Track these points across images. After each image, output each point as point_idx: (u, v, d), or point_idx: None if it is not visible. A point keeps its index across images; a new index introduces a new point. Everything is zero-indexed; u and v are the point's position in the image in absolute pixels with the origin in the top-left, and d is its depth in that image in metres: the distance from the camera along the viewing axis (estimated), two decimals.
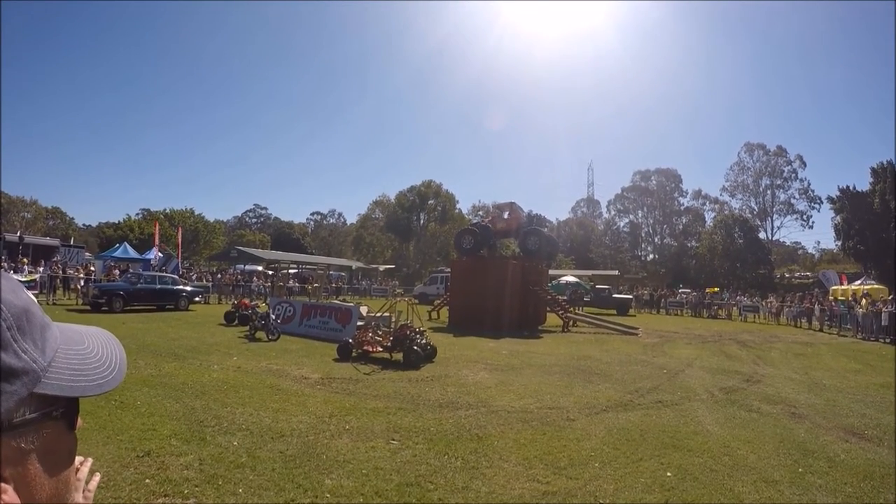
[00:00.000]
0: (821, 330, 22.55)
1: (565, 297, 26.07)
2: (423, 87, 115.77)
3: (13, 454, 0.51)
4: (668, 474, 4.78)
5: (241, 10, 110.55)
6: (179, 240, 35.03)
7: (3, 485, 0.49)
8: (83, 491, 0.73)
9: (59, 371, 0.56)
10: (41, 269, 21.24)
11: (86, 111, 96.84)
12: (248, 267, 34.75)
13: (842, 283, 30.46)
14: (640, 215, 70.79)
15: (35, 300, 0.60)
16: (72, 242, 32.74)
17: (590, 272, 46.61)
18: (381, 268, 50.74)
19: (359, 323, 12.82)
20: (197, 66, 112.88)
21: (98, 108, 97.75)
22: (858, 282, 29.32)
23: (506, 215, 22.59)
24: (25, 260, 21.42)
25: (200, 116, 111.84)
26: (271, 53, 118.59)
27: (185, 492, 3.89)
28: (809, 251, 68.23)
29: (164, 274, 22.18)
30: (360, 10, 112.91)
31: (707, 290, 35.30)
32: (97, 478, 0.79)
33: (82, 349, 0.61)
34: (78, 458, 0.65)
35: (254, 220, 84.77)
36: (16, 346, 0.52)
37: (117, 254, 29.11)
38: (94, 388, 0.59)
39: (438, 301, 23.03)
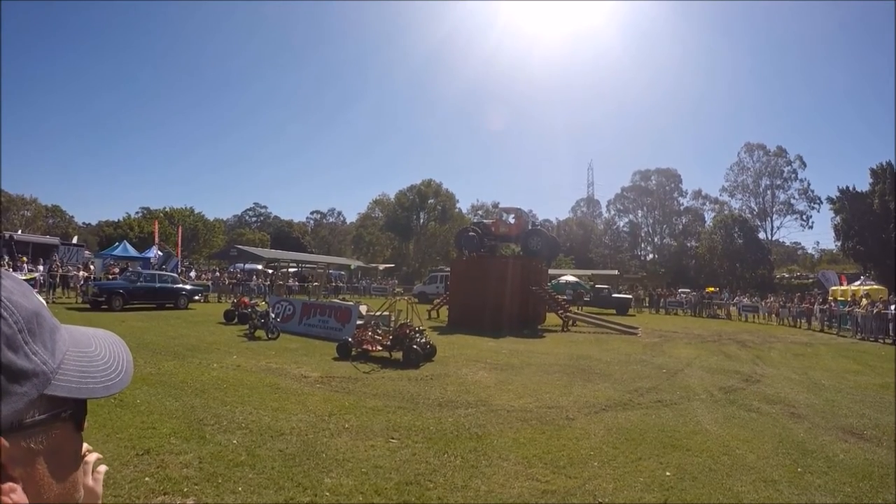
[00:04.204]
0: (821, 330, 22.56)
1: (565, 297, 26.09)
2: (423, 86, 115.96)
3: (22, 454, 0.52)
4: (668, 474, 4.78)
5: (240, 10, 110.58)
6: (179, 238, 35.09)
7: (11, 484, 0.49)
8: (92, 473, 0.74)
9: (68, 373, 0.57)
10: (41, 267, 21.23)
11: (86, 110, 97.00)
12: (247, 265, 34.75)
13: (841, 284, 30.46)
14: (639, 215, 70.76)
15: (45, 303, 0.60)
16: (73, 241, 32.67)
17: (589, 272, 46.62)
18: (381, 267, 50.75)
19: (358, 322, 12.82)
20: (198, 65, 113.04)
21: (98, 106, 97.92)
22: (858, 282, 29.31)
23: (511, 219, 22.56)
24: (24, 258, 21.41)
25: (200, 115, 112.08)
26: (271, 52, 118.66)
27: (185, 490, 3.90)
28: (809, 251, 68.42)
29: (163, 272, 22.19)
30: (359, 9, 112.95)
31: (707, 290, 35.33)
32: (103, 467, 0.80)
33: (90, 351, 0.62)
34: (84, 446, 0.66)
35: (254, 219, 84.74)
36: (27, 348, 0.53)
37: (117, 252, 29.07)
38: (102, 389, 0.59)
39: (438, 300, 23.03)
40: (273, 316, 13.03)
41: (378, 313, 12.30)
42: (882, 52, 79.23)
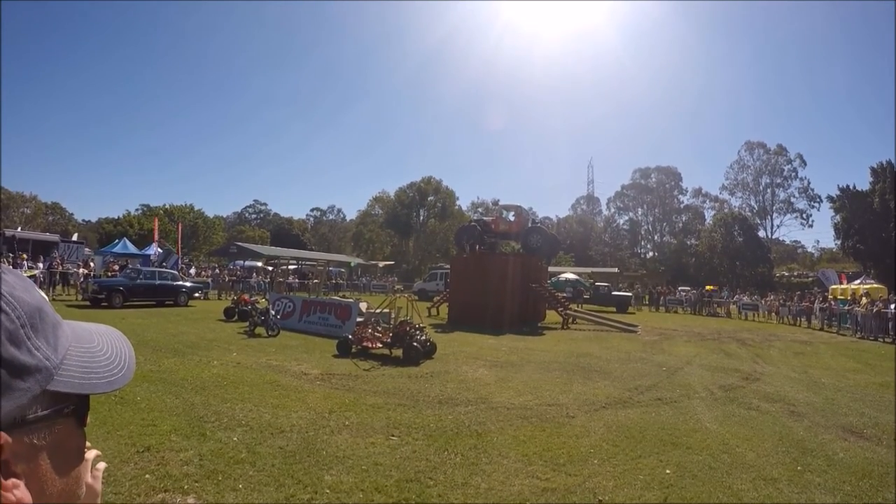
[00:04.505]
0: (821, 329, 22.58)
1: (565, 294, 26.10)
2: (423, 84, 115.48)
3: (25, 450, 0.52)
4: (668, 471, 4.79)
5: (240, 10, 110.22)
6: (179, 235, 35.07)
7: (14, 480, 0.49)
8: (91, 470, 0.74)
9: (71, 368, 0.57)
10: (41, 264, 21.22)
11: (86, 107, 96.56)
12: (247, 263, 34.75)
13: (841, 283, 30.46)
14: (639, 213, 70.74)
15: (47, 299, 0.60)
16: (73, 238, 32.66)
17: (589, 269, 46.65)
18: (381, 264, 50.71)
19: (358, 319, 12.83)
20: (199, 64, 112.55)
21: (99, 104, 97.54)
22: (858, 281, 29.30)
23: (511, 217, 22.56)
24: (24, 255, 21.40)
25: (201, 113, 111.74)
26: (272, 51, 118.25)
27: (185, 487, 3.90)
28: (809, 250, 68.29)
29: (163, 269, 22.19)
30: (359, 9, 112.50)
31: (706, 288, 35.36)
32: (102, 464, 0.80)
33: (92, 347, 0.62)
34: None
35: (253, 216, 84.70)
36: (29, 343, 0.52)
37: (117, 249, 29.06)
38: (105, 385, 0.59)
39: (438, 297, 23.03)
40: (273, 313, 13.03)
41: (378, 310, 12.30)
42: (882, 52, 79.01)
